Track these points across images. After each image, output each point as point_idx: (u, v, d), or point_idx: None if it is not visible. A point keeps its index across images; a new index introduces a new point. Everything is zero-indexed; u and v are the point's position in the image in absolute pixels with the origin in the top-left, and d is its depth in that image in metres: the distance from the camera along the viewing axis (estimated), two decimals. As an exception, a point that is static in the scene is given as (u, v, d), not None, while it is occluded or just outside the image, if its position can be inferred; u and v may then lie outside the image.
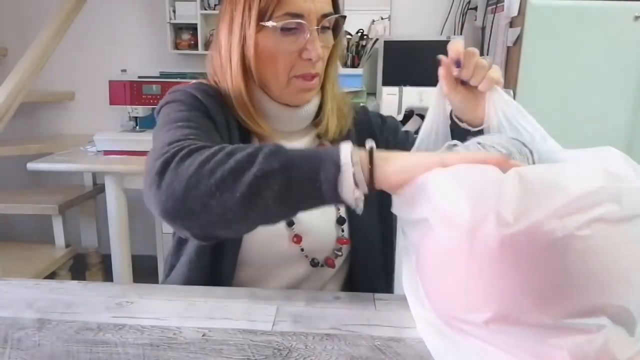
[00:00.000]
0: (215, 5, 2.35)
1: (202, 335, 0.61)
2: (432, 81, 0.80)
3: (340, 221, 0.81)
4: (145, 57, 2.49)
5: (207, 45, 2.41)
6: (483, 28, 2.22)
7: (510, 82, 1.90)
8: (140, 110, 1.99)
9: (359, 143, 0.70)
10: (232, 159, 0.53)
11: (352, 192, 0.52)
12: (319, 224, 0.80)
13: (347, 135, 0.85)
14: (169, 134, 0.62)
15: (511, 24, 1.90)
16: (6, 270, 1.89)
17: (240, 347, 0.59)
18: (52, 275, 2.06)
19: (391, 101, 1.90)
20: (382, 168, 0.53)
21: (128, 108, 1.99)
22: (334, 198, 0.52)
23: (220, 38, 0.76)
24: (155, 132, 0.68)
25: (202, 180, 0.53)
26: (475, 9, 2.27)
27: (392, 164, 0.53)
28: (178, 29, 2.41)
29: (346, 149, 0.53)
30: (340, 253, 0.81)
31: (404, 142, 0.89)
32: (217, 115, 0.74)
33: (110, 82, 1.99)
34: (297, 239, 0.78)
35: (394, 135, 0.91)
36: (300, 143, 0.83)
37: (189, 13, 2.31)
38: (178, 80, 1.98)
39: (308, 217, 0.78)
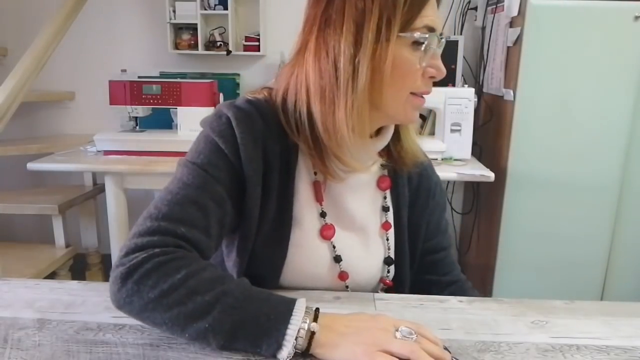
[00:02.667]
0: (215, 5, 2.35)
1: (202, 335, 0.61)
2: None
3: (387, 261, 0.80)
4: (145, 57, 2.49)
5: (207, 46, 2.41)
6: (483, 28, 2.22)
7: (510, 82, 1.90)
8: (140, 110, 1.99)
9: (415, 195, 0.83)
10: (191, 303, 0.55)
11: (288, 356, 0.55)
12: (367, 265, 0.79)
13: (413, 179, 0.82)
14: (164, 206, 0.62)
15: (511, 24, 1.90)
16: (6, 270, 1.88)
17: (240, 347, 0.58)
18: (52, 275, 2.06)
19: (391, 101, 1.90)
20: (320, 350, 0.55)
21: (128, 108, 1.99)
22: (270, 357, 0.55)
23: (334, 48, 0.64)
24: (185, 158, 0.68)
25: (158, 310, 0.55)
26: (475, 9, 2.27)
27: (327, 350, 0.55)
28: (178, 29, 2.40)
29: (292, 329, 0.54)
30: (380, 291, 0.82)
31: (438, 233, 0.86)
32: (269, 142, 0.69)
33: (110, 82, 1.99)
34: (344, 275, 0.76)
35: (437, 215, 0.86)
36: (361, 174, 0.77)
37: (189, 13, 2.31)
38: (178, 80, 1.98)
39: (356, 256, 0.77)
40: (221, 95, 2.03)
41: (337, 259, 0.75)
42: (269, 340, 0.54)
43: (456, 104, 1.91)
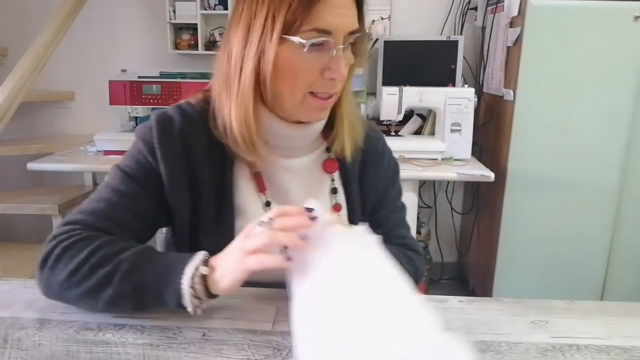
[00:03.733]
0: (215, 5, 2.35)
1: (202, 335, 0.61)
2: (432, 81, 0.80)
3: None
4: (145, 57, 2.49)
5: (207, 46, 2.41)
6: (483, 28, 2.22)
7: (510, 82, 1.90)
8: (140, 110, 1.99)
9: (362, 170, 0.83)
10: (94, 277, 0.61)
11: (194, 306, 0.61)
12: None
13: (358, 155, 0.82)
14: (84, 204, 0.70)
15: (511, 24, 1.90)
16: (6, 270, 1.88)
17: (240, 347, 0.59)
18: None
19: (391, 101, 1.90)
20: (215, 286, 0.60)
21: (128, 108, 1.99)
22: (180, 308, 0.61)
23: (232, 45, 0.69)
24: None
25: (71, 288, 0.62)
26: (475, 9, 2.27)
27: (220, 283, 0.60)
28: (178, 29, 2.40)
29: (187, 275, 0.60)
30: None
31: (385, 205, 0.86)
32: (191, 140, 0.73)
33: (110, 82, 1.99)
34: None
35: (384, 187, 0.86)
36: (305, 160, 0.79)
37: (189, 13, 2.31)
38: (178, 80, 1.98)
39: None
40: (221, 95, 2.03)
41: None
42: (170, 292, 0.60)
43: (456, 104, 1.91)
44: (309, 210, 0.57)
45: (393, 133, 2.06)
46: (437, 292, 2.42)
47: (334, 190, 0.81)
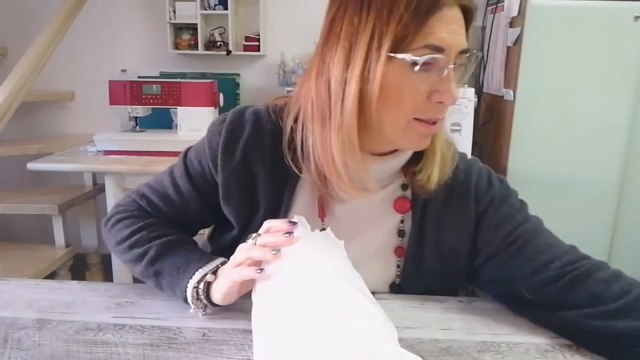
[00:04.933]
0: (215, 5, 2.35)
1: (202, 335, 0.61)
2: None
3: (393, 288, 0.74)
4: (145, 57, 2.49)
5: (207, 46, 2.42)
6: (483, 28, 2.22)
7: (510, 82, 1.90)
8: (140, 110, 1.99)
9: (444, 207, 0.72)
10: (130, 254, 0.72)
11: (197, 307, 0.65)
12: (363, 265, 0.66)
13: (441, 193, 0.70)
14: (143, 186, 0.79)
15: (511, 24, 1.90)
16: (6, 270, 1.88)
17: (240, 347, 0.59)
18: (52, 275, 2.06)
19: (391, 101, 1.90)
20: (213, 295, 0.64)
21: (128, 108, 1.99)
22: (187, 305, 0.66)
23: (330, 68, 0.61)
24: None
25: (117, 252, 0.75)
26: (476, 9, 2.27)
27: (215, 292, 0.64)
28: (178, 29, 2.41)
29: (194, 280, 0.64)
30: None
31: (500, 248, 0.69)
32: (256, 154, 0.70)
33: (110, 82, 1.99)
34: None
35: (492, 233, 0.70)
36: (375, 195, 0.70)
37: (189, 13, 2.32)
38: (178, 80, 1.98)
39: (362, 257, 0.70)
40: (221, 95, 2.03)
41: None
42: (179, 290, 0.65)
43: (456, 103, 1.90)
44: (293, 223, 0.58)
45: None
46: (437, 292, 2.42)
47: (400, 233, 0.72)
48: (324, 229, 0.65)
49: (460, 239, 0.71)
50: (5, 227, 2.62)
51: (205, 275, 0.64)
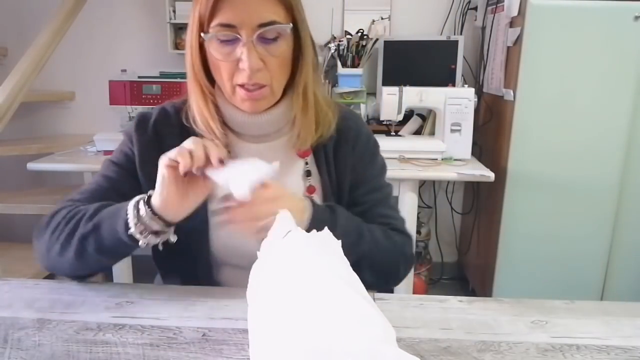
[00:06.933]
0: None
1: (202, 335, 0.61)
2: (432, 81, 0.80)
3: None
4: (145, 57, 2.49)
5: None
6: (483, 28, 2.22)
7: (510, 82, 1.90)
8: (140, 110, 1.99)
9: (336, 150, 0.85)
10: (68, 225, 0.71)
11: (144, 237, 0.66)
12: None
13: (326, 143, 0.84)
14: (71, 194, 0.81)
15: (511, 24, 1.90)
16: (6, 271, 1.88)
17: (240, 347, 0.59)
18: (52, 276, 2.05)
19: (391, 101, 1.90)
20: (154, 202, 0.66)
21: (128, 108, 1.99)
22: (136, 243, 0.67)
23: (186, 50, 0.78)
24: None
25: (52, 246, 0.72)
26: (475, 9, 2.27)
27: (154, 195, 0.67)
28: (178, 29, 2.40)
29: (133, 202, 0.67)
30: None
31: (362, 183, 0.86)
32: (164, 129, 0.82)
33: (110, 82, 1.99)
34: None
35: (361, 164, 0.86)
36: (275, 144, 0.83)
37: (189, 13, 2.31)
38: (178, 80, 1.98)
39: None
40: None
41: None
42: (120, 222, 0.67)
43: (456, 104, 1.91)
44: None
45: (393, 133, 2.06)
46: (437, 292, 2.43)
47: (307, 173, 0.84)
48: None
49: (345, 175, 0.85)
50: (5, 227, 2.62)
51: (143, 197, 0.67)
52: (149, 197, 0.67)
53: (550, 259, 1.95)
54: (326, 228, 0.62)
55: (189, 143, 0.66)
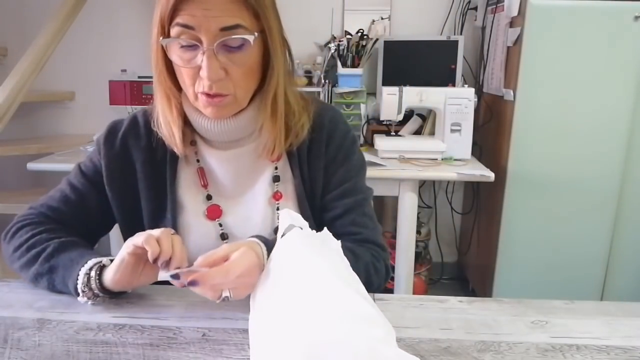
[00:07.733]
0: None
1: (202, 335, 0.61)
2: (432, 81, 0.79)
3: (276, 231, 0.77)
4: (145, 57, 2.48)
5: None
6: (483, 28, 2.22)
7: (510, 82, 1.90)
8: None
9: (308, 151, 0.81)
10: (27, 255, 0.72)
11: (85, 294, 0.67)
12: (249, 219, 0.80)
13: (307, 137, 0.80)
14: (41, 198, 0.82)
15: (511, 24, 1.90)
16: (6, 271, 1.88)
17: (240, 347, 0.59)
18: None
19: (391, 101, 1.90)
20: (106, 278, 0.66)
21: (128, 108, 1.99)
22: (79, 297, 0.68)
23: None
24: None
25: (14, 261, 0.75)
26: (475, 9, 2.27)
27: (109, 272, 0.66)
28: (178, 29, 2.40)
29: (87, 265, 0.67)
30: None
31: (333, 186, 0.81)
32: (132, 141, 0.80)
33: (110, 82, 1.99)
34: (224, 236, 0.79)
35: (333, 165, 0.82)
36: (243, 150, 0.79)
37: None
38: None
39: (245, 232, 0.76)
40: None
41: (223, 237, 0.79)
42: (71, 280, 0.67)
43: (456, 104, 1.91)
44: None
45: (393, 133, 2.06)
46: (437, 292, 2.43)
47: (275, 179, 0.80)
48: (209, 196, 0.80)
49: (318, 178, 0.81)
50: (5, 227, 2.62)
51: (100, 262, 0.67)
52: (103, 266, 0.67)
53: (550, 259, 1.95)
54: (326, 229, 0.62)
55: (157, 233, 0.62)
